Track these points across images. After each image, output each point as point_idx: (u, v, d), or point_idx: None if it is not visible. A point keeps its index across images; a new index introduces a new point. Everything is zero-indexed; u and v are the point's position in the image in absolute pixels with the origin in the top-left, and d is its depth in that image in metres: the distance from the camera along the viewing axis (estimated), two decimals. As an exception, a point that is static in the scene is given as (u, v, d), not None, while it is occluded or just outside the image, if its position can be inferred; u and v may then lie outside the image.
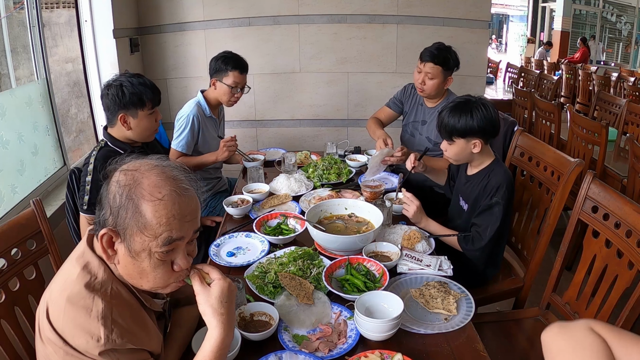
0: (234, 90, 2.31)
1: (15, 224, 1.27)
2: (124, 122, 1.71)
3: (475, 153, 1.70)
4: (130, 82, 1.70)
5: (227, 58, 2.29)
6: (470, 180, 1.79)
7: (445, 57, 2.19)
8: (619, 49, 12.72)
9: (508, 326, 1.67)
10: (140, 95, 1.70)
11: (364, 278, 1.36)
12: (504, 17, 16.46)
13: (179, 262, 0.92)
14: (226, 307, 0.92)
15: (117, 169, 0.90)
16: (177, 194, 0.87)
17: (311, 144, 3.55)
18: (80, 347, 0.83)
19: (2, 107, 2.03)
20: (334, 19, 3.33)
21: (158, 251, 0.87)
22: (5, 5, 2.19)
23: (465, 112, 1.64)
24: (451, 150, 1.73)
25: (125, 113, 1.70)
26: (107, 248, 0.89)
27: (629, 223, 1.31)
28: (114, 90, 1.69)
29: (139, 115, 1.72)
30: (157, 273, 0.91)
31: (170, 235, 0.87)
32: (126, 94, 1.68)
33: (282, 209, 1.90)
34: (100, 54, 3.00)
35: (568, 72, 7.22)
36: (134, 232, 0.86)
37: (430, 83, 2.23)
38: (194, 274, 0.94)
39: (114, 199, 0.86)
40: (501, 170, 1.71)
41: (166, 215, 0.86)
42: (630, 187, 2.47)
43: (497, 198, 1.64)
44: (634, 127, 3.51)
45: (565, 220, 1.62)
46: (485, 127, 1.64)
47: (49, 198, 2.30)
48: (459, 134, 1.67)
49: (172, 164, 0.93)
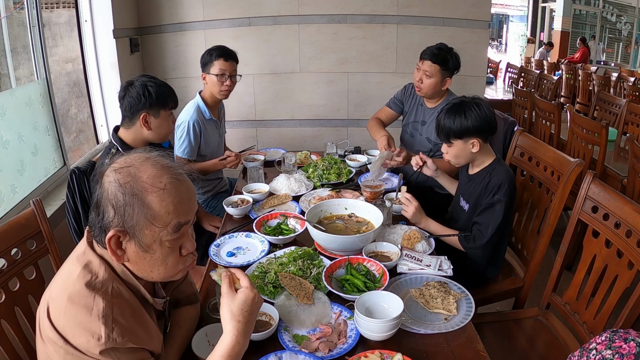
0: (222, 78, 2.29)
1: (15, 224, 1.27)
2: (145, 122, 1.73)
3: (476, 153, 1.71)
4: (155, 83, 1.73)
5: (211, 50, 2.31)
6: (472, 179, 1.80)
7: (445, 58, 2.18)
8: (619, 49, 12.72)
9: (508, 326, 1.67)
10: (165, 95, 1.74)
11: (364, 278, 1.36)
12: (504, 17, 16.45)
13: (187, 246, 0.95)
14: (245, 317, 0.92)
15: (107, 170, 0.90)
16: (176, 180, 0.90)
17: (311, 144, 3.55)
18: (81, 346, 0.83)
19: (2, 107, 2.03)
20: (334, 19, 3.33)
21: (169, 239, 0.90)
22: (5, 5, 2.19)
23: (459, 113, 1.66)
24: (451, 152, 1.74)
25: (148, 112, 1.72)
26: (116, 249, 0.89)
27: (629, 223, 1.31)
28: (139, 89, 1.71)
29: (161, 115, 1.74)
30: (169, 261, 0.93)
31: (179, 221, 0.89)
32: (152, 93, 1.71)
33: (282, 209, 1.90)
34: (100, 54, 3.00)
35: (568, 72, 7.22)
36: (144, 226, 0.87)
37: (427, 82, 2.22)
38: (226, 276, 0.95)
39: (116, 198, 0.86)
40: (503, 169, 1.71)
41: (172, 202, 0.88)
42: (630, 187, 2.47)
43: (500, 195, 1.64)
44: (634, 127, 3.51)
45: (565, 220, 1.62)
46: (481, 125, 1.65)
47: (49, 198, 2.30)
48: (456, 135, 1.68)
49: (159, 153, 0.94)
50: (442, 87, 2.25)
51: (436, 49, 2.20)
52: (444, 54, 2.19)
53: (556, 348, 1.55)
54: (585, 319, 1.46)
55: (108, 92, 3.07)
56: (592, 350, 0.88)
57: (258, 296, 0.95)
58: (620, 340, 0.85)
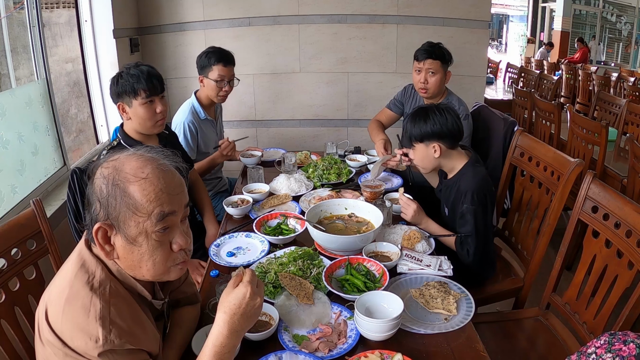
0: (221, 84, 2.30)
1: (15, 224, 1.27)
2: (123, 112, 1.72)
3: (439, 158, 1.72)
4: (127, 72, 1.68)
5: (209, 53, 2.29)
6: (447, 185, 1.81)
7: (441, 52, 2.25)
8: (619, 49, 12.71)
9: (508, 326, 1.67)
10: (132, 85, 1.67)
11: (364, 278, 1.36)
12: (504, 17, 16.45)
13: (178, 240, 0.93)
14: (232, 310, 0.91)
15: (97, 169, 0.91)
16: (160, 170, 0.90)
17: (311, 144, 3.55)
18: (79, 348, 0.83)
19: (2, 107, 2.02)
20: (334, 19, 3.33)
21: (154, 230, 0.89)
22: (5, 5, 2.19)
23: (421, 117, 1.70)
24: (415, 156, 1.78)
25: (122, 102, 1.71)
26: (104, 244, 0.89)
27: (629, 223, 1.31)
28: (112, 80, 1.71)
29: (133, 104, 1.70)
30: (157, 256, 0.91)
31: (162, 210, 0.88)
32: (120, 83, 1.69)
33: (282, 209, 1.90)
34: (100, 54, 3.00)
35: (568, 72, 7.22)
36: (127, 217, 0.87)
37: (433, 79, 2.25)
38: (239, 274, 0.96)
39: (101, 191, 0.87)
40: (470, 175, 1.70)
41: (154, 190, 0.87)
42: (630, 187, 2.47)
43: (467, 204, 1.66)
44: (634, 127, 3.51)
45: (565, 220, 1.62)
46: (440, 131, 1.67)
47: (49, 198, 2.30)
48: (416, 139, 1.72)
49: (151, 150, 0.94)
50: (445, 82, 2.30)
51: (429, 46, 2.26)
52: (439, 49, 2.25)
53: (556, 348, 1.55)
54: (585, 319, 1.46)
55: (108, 92, 3.06)
56: (592, 354, 0.88)
57: (254, 294, 0.92)
58: (619, 343, 0.85)
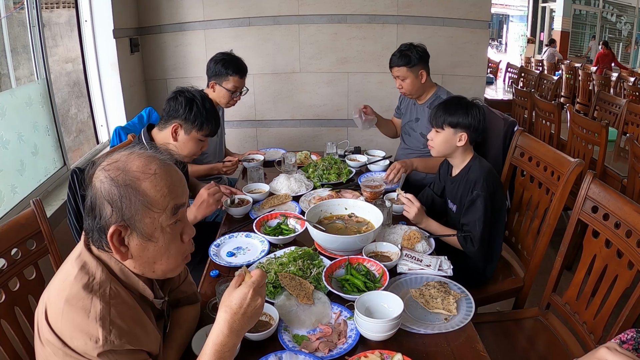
0: (234, 94, 2.32)
1: (15, 224, 1.27)
2: (174, 132, 1.72)
3: (459, 147, 1.75)
4: (203, 104, 1.71)
5: (226, 62, 2.28)
6: (454, 181, 1.83)
7: (406, 56, 2.26)
8: (619, 49, 12.72)
9: (508, 326, 1.67)
10: (204, 120, 1.71)
11: (364, 278, 1.36)
12: (504, 17, 16.46)
13: (187, 231, 0.97)
14: (233, 309, 0.91)
15: (95, 172, 0.90)
16: (164, 165, 0.92)
17: (311, 144, 3.55)
18: (79, 348, 0.83)
19: (2, 107, 2.02)
20: (334, 19, 3.34)
21: (169, 224, 0.91)
22: (5, 5, 2.19)
23: (461, 108, 1.74)
24: (437, 139, 1.78)
25: (180, 125, 1.71)
26: (120, 246, 0.89)
27: (629, 223, 1.31)
28: (185, 101, 1.70)
29: (191, 134, 1.73)
30: (171, 249, 0.94)
31: (175, 203, 0.91)
32: (194, 111, 1.70)
33: (282, 209, 1.90)
34: (100, 54, 3.00)
35: (568, 72, 7.22)
36: (144, 215, 0.88)
37: (405, 84, 2.32)
38: (241, 274, 0.96)
39: (111, 193, 0.87)
40: (479, 165, 1.76)
41: (166, 185, 0.90)
42: (630, 187, 2.47)
43: (477, 191, 1.67)
44: (634, 127, 3.51)
45: (565, 220, 1.62)
46: (474, 125, 1.72)
47: (49, 198, 2.30)
48: (450, 124, 1.74)
49: (142, 147, 0.95)
50: (421, 81, 2.31)
51: (397, 51, 2.31)
52: (404, 53, 2.27)
53: (556, 348, 1.55)
54: (585, 319, 1.46)
55: (108, 92, 3.07)
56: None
57: (255, 294, 0.92)
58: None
